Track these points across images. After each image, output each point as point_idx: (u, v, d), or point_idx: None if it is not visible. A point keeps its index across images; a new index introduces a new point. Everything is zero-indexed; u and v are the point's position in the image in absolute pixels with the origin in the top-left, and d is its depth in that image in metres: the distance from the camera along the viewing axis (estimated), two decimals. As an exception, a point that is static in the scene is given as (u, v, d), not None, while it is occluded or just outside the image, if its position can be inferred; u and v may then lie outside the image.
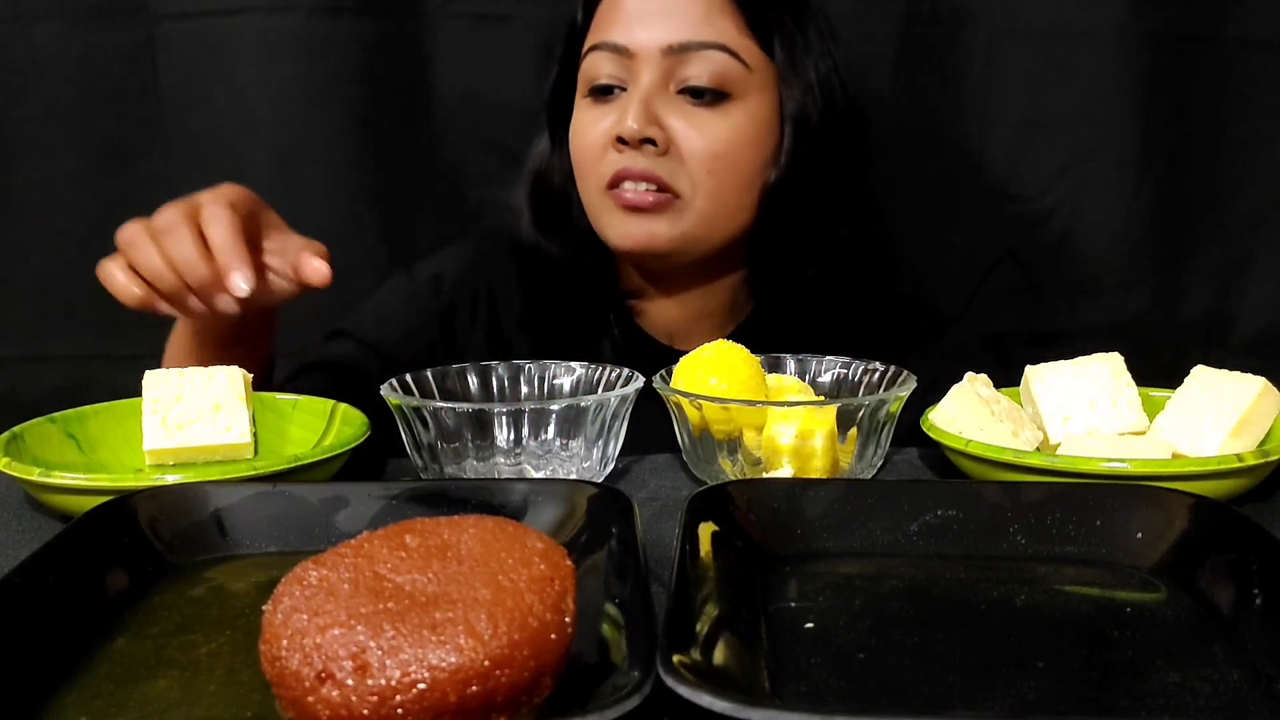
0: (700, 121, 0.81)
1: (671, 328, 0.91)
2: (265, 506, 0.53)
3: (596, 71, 0.83)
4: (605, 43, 0.83)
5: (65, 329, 1.10)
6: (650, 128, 0.79)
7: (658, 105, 0.81)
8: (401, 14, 1.07)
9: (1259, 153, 1.09)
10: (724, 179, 0.82)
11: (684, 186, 0.81)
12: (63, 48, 1.05)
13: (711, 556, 0.46)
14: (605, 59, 0.83)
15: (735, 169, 0.82)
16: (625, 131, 0.79)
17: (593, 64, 0.84)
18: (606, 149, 0.82)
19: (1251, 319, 1.13)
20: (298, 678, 0.33)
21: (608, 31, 0.83)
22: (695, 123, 0.81)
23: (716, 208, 0.82)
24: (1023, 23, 1.06)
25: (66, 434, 0.68)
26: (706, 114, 0.81)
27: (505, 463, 0.63)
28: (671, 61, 0.81)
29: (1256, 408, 0.63)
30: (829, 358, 0.74)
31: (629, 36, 0.81)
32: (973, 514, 0.52)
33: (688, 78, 0.81)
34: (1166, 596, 0.47)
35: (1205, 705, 0.38)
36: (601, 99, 0.84)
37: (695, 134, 0.80)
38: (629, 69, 0.82)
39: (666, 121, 0.80)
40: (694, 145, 0.80)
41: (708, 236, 0.84)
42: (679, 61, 0.81)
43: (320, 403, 0.72)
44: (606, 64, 0.83)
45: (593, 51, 0.84)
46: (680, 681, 0.34)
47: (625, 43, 0.81)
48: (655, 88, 0.81)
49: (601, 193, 0.83)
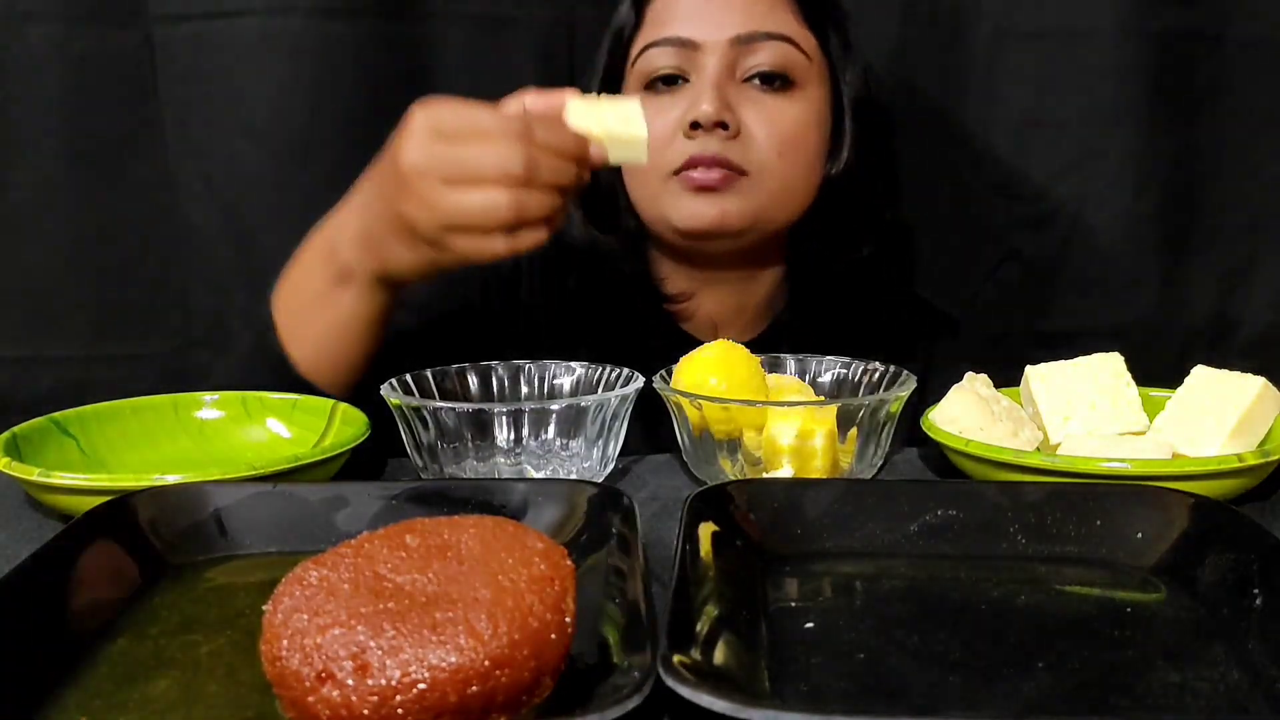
0: (769, 107, 0.83)
1: (712, 324, 0.92)
2: (265, 506, 0.53)
3: (656, 65, 0.84)
4: (667, 38, 0.84)
5: (61, 330, 1.10)
6: (725, 112, 0.80)
7: (728, 93, 0.82)
8: (401, 15, 1.07)
9: (1262, 153, 1.09)
10: (793, 162, 0.84)
11: (753, 168, 0.82)
12: (60, 49, 1.05)
13: (711, 556, 0.46)
14: (666, 53, 0.84)
15: (803, 152, 0.84)
16: (701, 115, 0.80)
17: (651, 59, 0.85)
18: (675, 136, 0.83)
19: (1253, 320, 1.13)
20: (298, 678, 0.33)
21: (668, 27, 0.84)
22: (764, 108, 0.82)
23: (785, 189, 0.84)
24: (1023, 22, 1.06)
25: (66, 434, 0.68)
26: (774, 100, 0.83)
27: (505, 463, 0.63)
28: (736, 51, 0.82)
29: (1256, 408, 0.63)
30: (829, 358, 0.74)
31: (694, 30, 0.83)
32: (973, 514, 0.52)
33: (754, 66, 0.82)
34: (1166, 596, 0.47)
35: (1205, 705, 0.38)
36: (664, 89, 0.85)
37: (765, 119, 0.82)
38: (692, 60, 0.83)
39: (736, 108, 0.82)
40: (764, 130, 0.82)
41: (775, 217, 0.85)
42: (744, 51, 0.82)
43: (320, 402, 0.72)
44: (667, 57, 0.84)
45: (652, 48, 0.85)
46: (680, 681, 0.34)
47: (690, 35, 0.83)
48: (724, 75, 0.82)
49: (665, 180, 0.83)
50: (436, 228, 0.62)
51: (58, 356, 1.11)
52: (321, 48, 1.05)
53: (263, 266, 1.10)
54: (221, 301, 1.12)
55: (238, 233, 1.10)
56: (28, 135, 1.06)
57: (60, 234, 1.09)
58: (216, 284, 1.12)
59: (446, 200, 0.61)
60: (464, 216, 0.62)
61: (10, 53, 1.04)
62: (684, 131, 0.82)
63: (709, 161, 0.81)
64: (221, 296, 1.12)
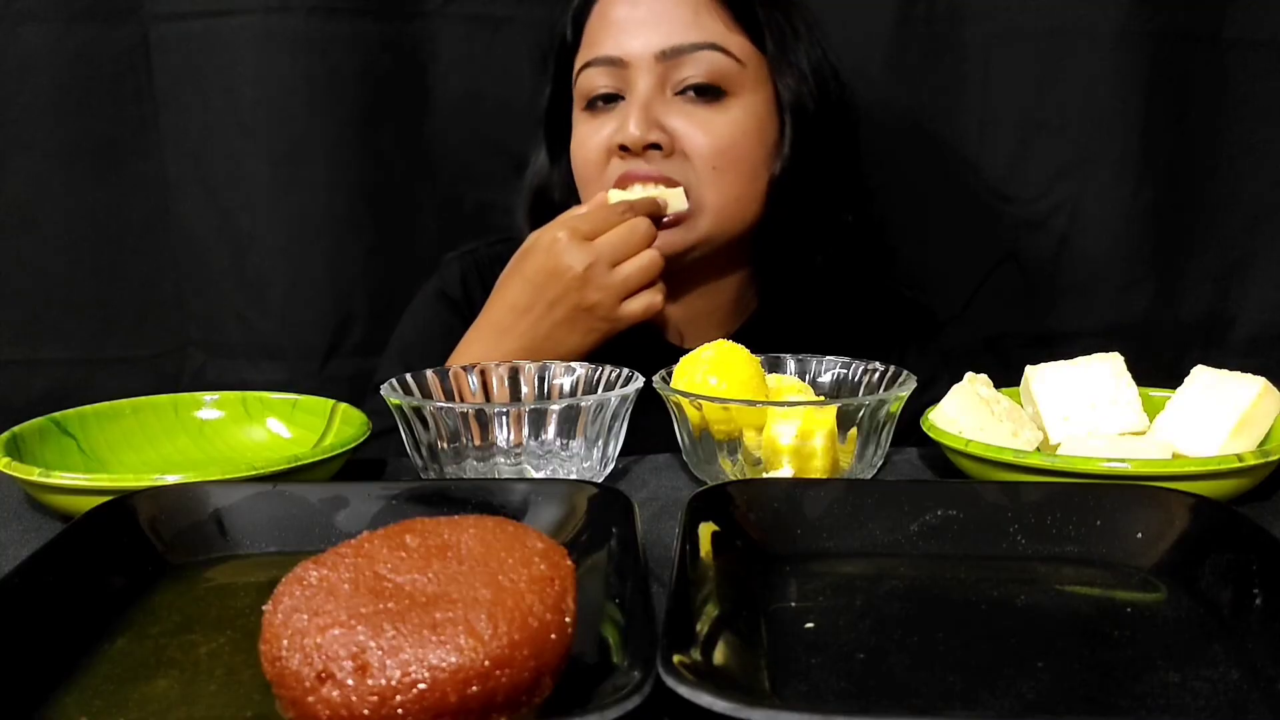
0: (701, 120, 0.81)
1: (678, 327, 0.91)
2: (265, 506, 0.53)
3: (592, 85, 0.84)
4: (599, 57, 0.83)
5: (58, 332, 1.10)
6: (653, 132, 0.80)
7: (657, 109, 0.81)
8: (401, 14, 1.07)
9: (1258, 153, 1.09)
10: (729, 174, 0.82)
11: (689, 182, 0.81)
12: (56, 48, 1.05)
13: (711, 556, 0.46)
14: (600, 73, 0.83)
15: (739, 163, 0.82)
16: (628, 139, 0.80)
17: (588, 79, 0.85)
18: (609, 157, 0.83)
19: (1251, 319, 1.13)
20: (298, 678, 0.33)
21: (599, 46, 0.84)
22: (696, 121, 0.81)
23: (725, 203, 0.83)
24: (1021, 23, 1.06)
25: (66, 434, 0.68)
26: (706, 112, 0.81)
27: (505, 463, 0.63)
28: (665, 66, 0.81)
29: (1256, 408, 0.63)
30: (829, 358, 0.74)
31: (621, 47, 0.82)
32: (973, 514, 0.52)
33: (684, 79, 0.81)
34: (1166, 596, 0.47)
35: (1205, 705, 0.38)
36: (600, 110, 0.84)
37: (697, 132, 0.81)
38: (624, 78, 0.83)
39: (668, 123, 0.81)
40: (697, 143, 0.81)
41: (720, 233, 0.84)
42: (673, 65, 0.81)
43: (320, 402, 0.72)
44: (601, 77, 0.83)
45: (587, 68, 0.84)
46: (680, 681, 0.34)
47: (618, 54, 0.82)
48: (653, 93, 0.81)
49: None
50: (614, 302, 0.78)
51: (57, 357, 1.11)
52: (320, 47, 1.05)
53: (260, 267, 1.10)
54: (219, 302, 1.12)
55: (235, 233, 1.10)
56: (24, 134, 1.06)
57: (57, 234, 1.08)
58: (214, 284, 1.12)
59: (617, 277, 0.78)
60: (635, 281, 0.78)
61: (7, 51, 1.04)
62: (615, 154, 0.82)
63: (644, 177, 0.81)
64: (219, 297, 1.12)
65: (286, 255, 1.10)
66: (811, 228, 0.87)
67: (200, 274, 1.11)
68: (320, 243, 1.09)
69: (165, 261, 1.11)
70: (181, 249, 1.11)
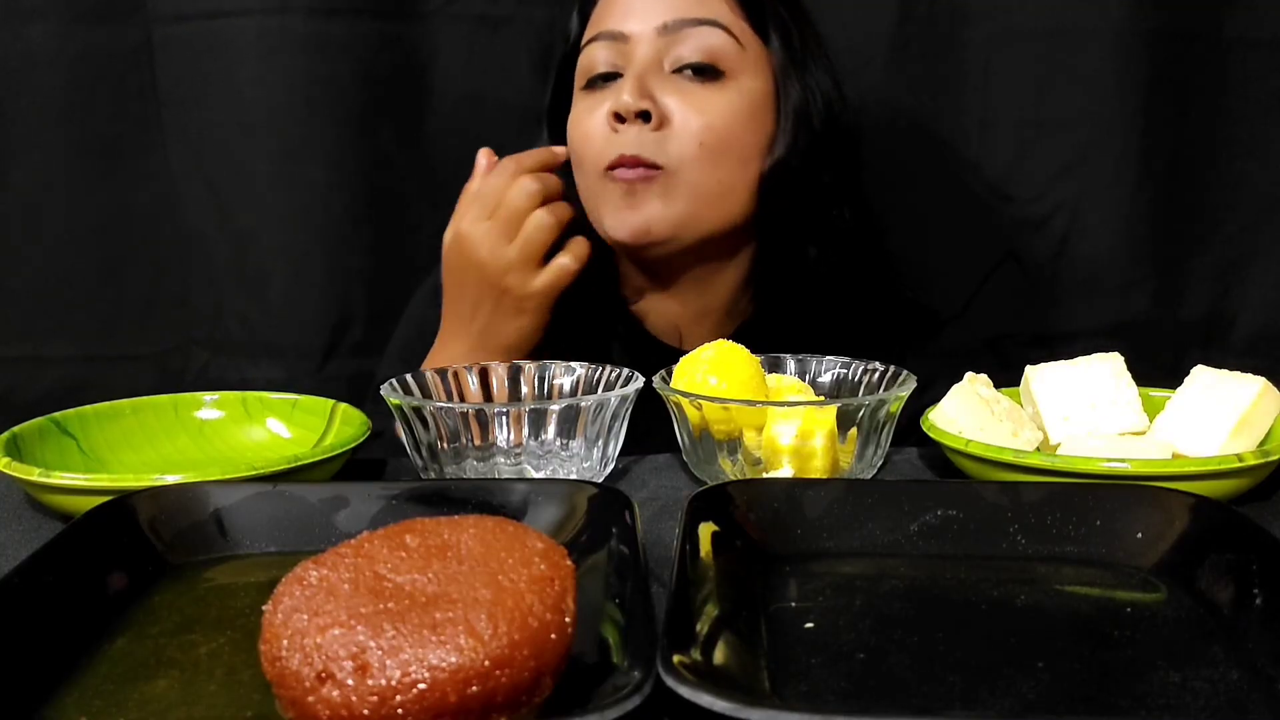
0: (694, 97, 0.81)
1: (675, 328, 0.91)
2: (265, 506, 0.53)
3: (594, 61, 0.84)
4: (602, 32, 0.83)
5: (60, 330, 1.10)
6: (644, 100, 0.79)
7: (653, 83, 0.81)
8: (400, 14, 1.07)
9: (1259, 152, 1.09)
10: (717, 154, 0.81)
11: (672, 162, 0.80)
12: (59, 48, 1.05)
13: (711, 556, 0.46)
14: (602, 48, 0.83)
15: (728, 145, 0.82)
16: (620, 106, 0.79)
17: (590, 56, 0.84)
18: (606, 130, 0.82)
19: (1252, 319, 1.13)
20: (298, 678, 0.33)
21: (603, 23, 0.84)
22: (689, 98, 0.81)
23: (710, 184, 0.82)
24: (1021, 23, 1.06)
25: (66, 434, 0.68)
26: (701, 89, 0.81)
27: (505, 463, 0.63)
28: (665, 40, 0.81)
29: (1256, 408, 0.63)
30: (829, 358, 0.74)
31: (624, 22, 0.82)
32: (973, 514, 0.52)
33: (681, 55, 0.81)
34: (1166, 596, 0.47)
35: (1205, 705, 0.38)
36: (599, 88, 0.84)
37: (689, 108, 0.81)
38: (625, 54, 0.82)
39: (661, 98, 0.81)
40: (687, 119, 0.80)
41: (704, 217, 0.82)
42: (673, 40, 0.81)
43: (320, 402, 0.72)
44: (603, 52, 0.83)
45: (590, 44, 0.84)
46: (680, 681, 0.34)
47: (621, 28, 0.82)
48: (650, 65, 0.81)
49: (600, 178, 0.82)
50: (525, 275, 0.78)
51: (58, 356, 1.11)
52: (320, 48, 1.05)
53: (261, 265, 1.10)
54: (221, 300, 1.12)
55: (237, 232, 1.10)
56: (27, 134, 1.06)
57: (59, 233, 1.09)
58: (216, 283, 1.12)
59: (514, 250, 0.77)
60: (536, 246, 0.77)
61: (10, 51, 1.04)
62: (610, 124, 0.81)
63: (630, 161, 0.80)
64: (221, 296, 1.12)
65: (286, 254, 1.10)
66: (804, 224, 0.87)
67: (202, 272, 1.12)
68: (320, 242, 1.09)
69: (168, 260, 1.12)
70: (184, 247, 1.11)
